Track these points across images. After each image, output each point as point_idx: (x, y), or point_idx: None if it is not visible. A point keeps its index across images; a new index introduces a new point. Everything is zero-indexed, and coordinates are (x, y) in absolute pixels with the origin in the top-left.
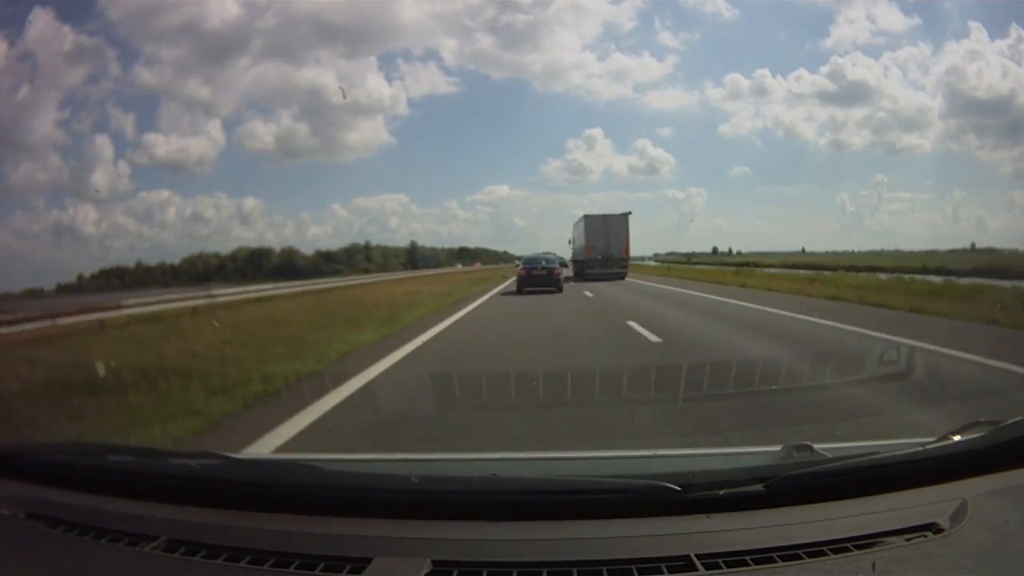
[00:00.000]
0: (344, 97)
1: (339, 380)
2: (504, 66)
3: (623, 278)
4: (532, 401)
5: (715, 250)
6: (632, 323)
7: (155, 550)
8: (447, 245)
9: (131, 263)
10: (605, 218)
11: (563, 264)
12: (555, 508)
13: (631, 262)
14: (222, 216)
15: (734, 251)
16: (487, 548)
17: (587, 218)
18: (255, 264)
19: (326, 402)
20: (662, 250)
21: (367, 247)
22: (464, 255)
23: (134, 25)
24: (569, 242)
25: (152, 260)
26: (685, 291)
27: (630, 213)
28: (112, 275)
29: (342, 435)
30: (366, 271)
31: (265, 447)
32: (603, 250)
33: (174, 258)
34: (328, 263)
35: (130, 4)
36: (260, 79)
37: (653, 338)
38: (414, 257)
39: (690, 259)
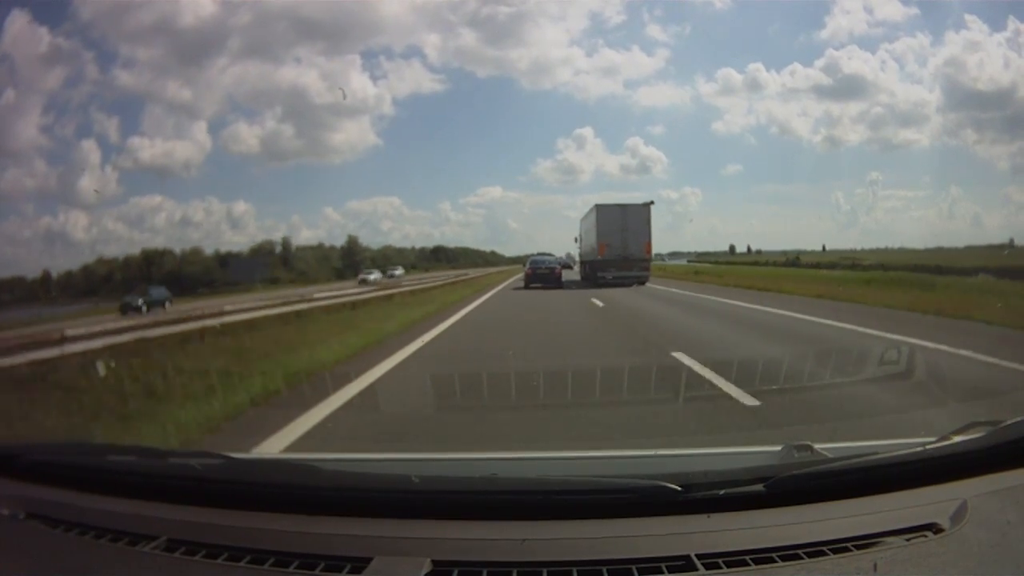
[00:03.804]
0: (344, 98)
1: None
2: (489, 62)
3: (644, 283)
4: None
5: (732, 249)
6: None
7: (155, 550)
8: (447, 247)
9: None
10: (622, 209)
11: (566, 265)
12: (555, 508)
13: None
14: (212, 220)
15: (752, 250)
16: (487, 548)
17: (600, 209)
18: (145, 272)
19: None
20: (662, 251)
21: (285, 247)
22: (441, 256)
23: (109, 25)
24: (576, 240)
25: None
26: None
27: (652, 203)
28: (3, 288)
29: None
30: (274, 282)
31: None
32: (619, 248)
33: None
34: (225, 270)
35: (103, 3)
36: (241, 79)
37: None
38: (355, 259)
39: (798, 257)
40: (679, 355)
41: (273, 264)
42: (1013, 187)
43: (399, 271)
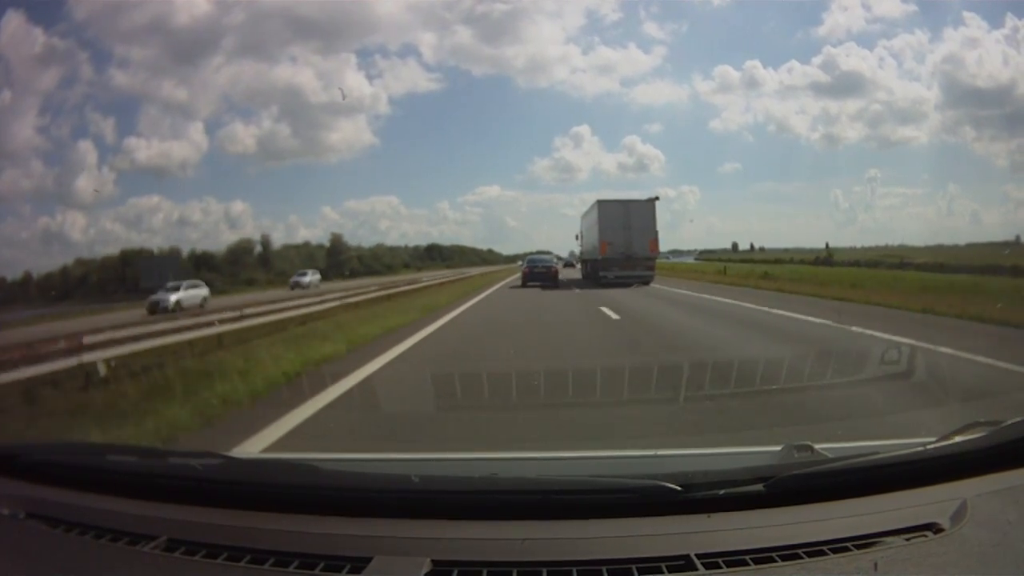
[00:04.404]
0: (344, 97)
1: None
2: (485, 61)
3: (648, 283)
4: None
5: (735, 247)
6: None
7: (155, 550)
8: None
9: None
10: (625, 205)
11: (569, 264)
12: (555, 508)
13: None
14: (210, 220)
15: (755, 247)
16: (487, 548)
17: (602, 205)
18: (121, 273)
19: None
20: (661, 248)
21: (265, 246)
22: (435, 255)
23: (103, 25)
24: (576, 237)
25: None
26: None
27: (657, 198)
28: None
29: None
30: (250, 283)
31: None
32: (623, 247)
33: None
34: (199, 272)
35: (96, 3)
36: (236, 79)
37: None
38: (339, 259)
39: (831, 255)
40: None
41: (251, 264)
42: (1011, 184)
43: (309, 277)
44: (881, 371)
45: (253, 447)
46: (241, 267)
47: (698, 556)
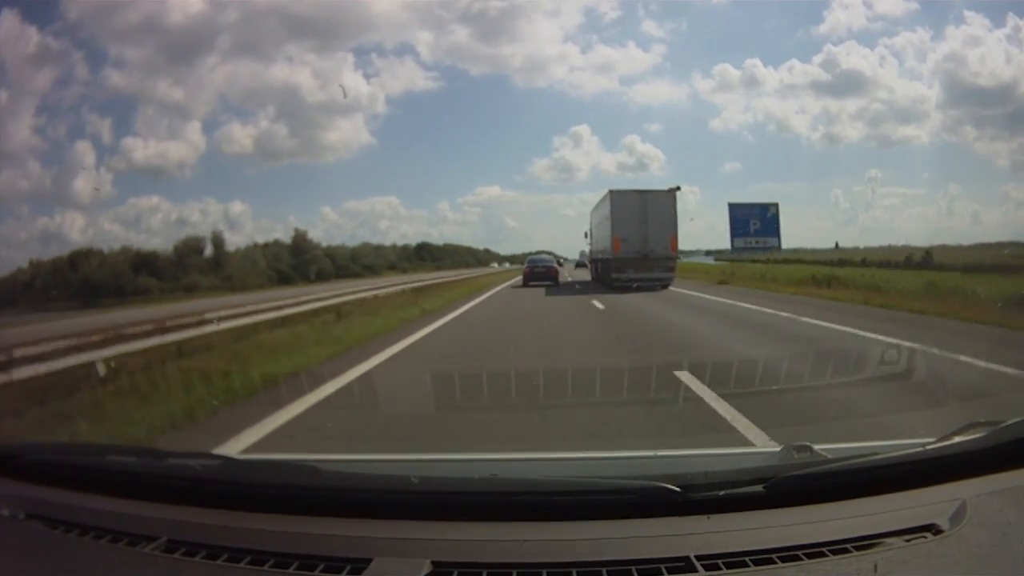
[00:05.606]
0: (344, 96)
1: None
2: (483, 60)
3: (667, 286)
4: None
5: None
6: None
7: (155, 550)
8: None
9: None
10: (642, 195)
11: (580, 264)
12: (555, 508)
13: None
14: (209, 221)
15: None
16: (487, 548)
17: (614, 196)
18: (70, 277)
19: None
20: None
21: (217, 246)
22: (425, 255)
23: (97, 24)
24: (586, 234)
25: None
26: None
27: (678, 188)
28: None
29: None
30: (188, 290)
31: None
32: (639, 244)
33: None
34: (138, 276)
35: (91, 3)
36: (232, 78)
37: None
38: (303, 259)
39: (929, 253)
40: None
41: (199, 267)
42: (1012, 184)
43: None
44: None
45: None
46: (185, 270)
47: (698, 557)
